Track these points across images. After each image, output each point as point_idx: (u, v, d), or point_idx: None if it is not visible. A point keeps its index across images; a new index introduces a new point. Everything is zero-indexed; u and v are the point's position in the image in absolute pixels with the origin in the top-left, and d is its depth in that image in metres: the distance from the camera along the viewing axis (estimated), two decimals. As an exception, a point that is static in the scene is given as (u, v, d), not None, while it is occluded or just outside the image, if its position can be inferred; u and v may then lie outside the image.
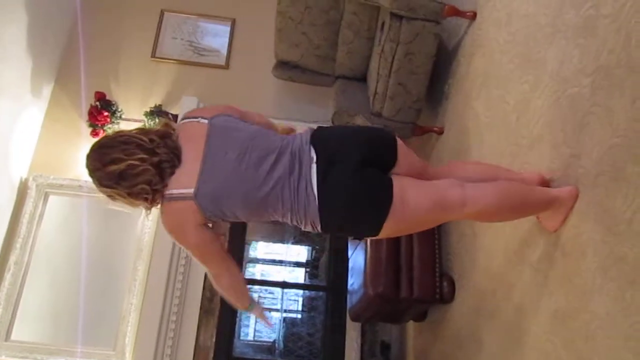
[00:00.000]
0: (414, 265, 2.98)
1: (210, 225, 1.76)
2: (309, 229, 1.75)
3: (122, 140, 1.67)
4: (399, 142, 1.83)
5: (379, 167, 1.75)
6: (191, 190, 1.64)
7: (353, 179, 1.68)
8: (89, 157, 1.70)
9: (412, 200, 1.70)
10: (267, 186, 1.68)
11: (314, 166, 1.69)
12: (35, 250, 3.59)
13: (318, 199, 1.67)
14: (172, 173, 1.66)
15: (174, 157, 1.67)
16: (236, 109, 1.89)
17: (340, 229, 1.81)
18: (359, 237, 1.79)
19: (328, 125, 1.88)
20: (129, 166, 1.62)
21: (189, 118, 1.81)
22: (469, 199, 1.75)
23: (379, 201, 1.68)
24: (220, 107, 1.87)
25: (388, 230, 1.72)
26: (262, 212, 1.74)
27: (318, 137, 1.77)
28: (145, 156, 1.63)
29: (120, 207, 1.78)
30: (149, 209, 1.73)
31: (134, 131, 1.72)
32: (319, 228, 1.72)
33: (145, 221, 3.73)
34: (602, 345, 1.60)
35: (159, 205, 1.72)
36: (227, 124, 1.78)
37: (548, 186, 1.94)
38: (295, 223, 1.75)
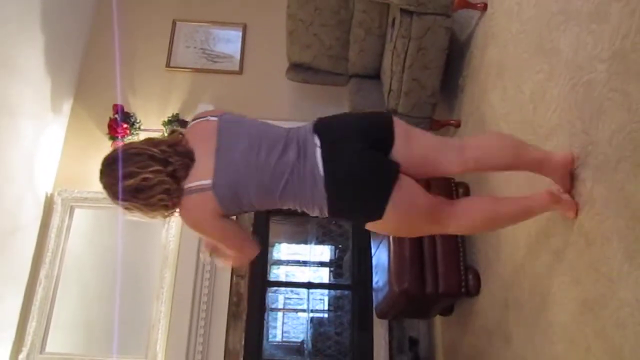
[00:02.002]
0: (438, 259, 2.99)
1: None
2: (316, 213, 1.81)
3: (133, 153, 1.70)
4: (397, 123, 1.86)
5: (381, 149, 1.81)
6: (209, 182, 1.69)
7: (357, 160, 1.74)
8: (102, 172, 1.75)
9: (415, 194, 1.80)
10: (278, 173, 1.74)
11: (319, 151, 1.75)
12: (64, 263, 3.66)
13: (325, 181, 1.72)
14: (186, 176, 1.70)
15: (187, 161, 1.72)
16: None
17: (346, 211, 1.86)
18: (363, 220, 1.84)
19: (329, 115, 1.92)
20: (145, 179, 1.65)
21: (198, 119, 1.88)
22: (455, 214, 1.87)
23: (383, 181, 1.74)
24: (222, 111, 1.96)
25: (390, 215, 1.74)
26: (275, 199, 1.79)
27: (321, 125, 1.83)
28: (159, 167, 1.66)
29: (137, 218, 1.79)
30: (167, 217, 1.77)
31: (143, 143, 1.76)
32: (325, 211, 1.78)
33: (170, 229, 3.78)
34: (633, 333, 1.59)
35: (177, 213, 1.77)
36: (235, 119, 1.87)
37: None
38: (304, 209, 1.81)
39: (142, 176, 1.65)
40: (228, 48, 4.43)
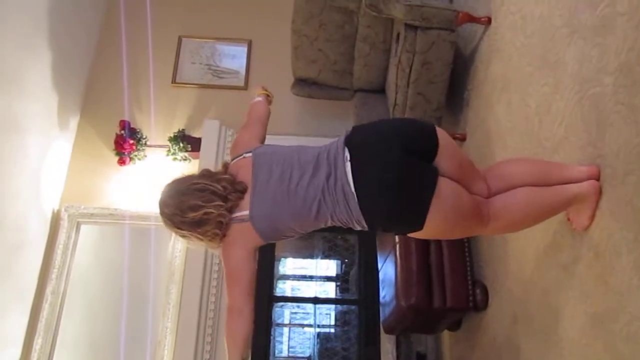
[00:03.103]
0: (445, 274, 2.97)
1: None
2: (358, 227, 1.79)
3: (197, 188, 1.78)
4: (439, 130, 1.82)
5: (421, 157, 1.75)
6: (246, 213, 1.76)
7: (391, 170, 1.68)
8: (165, 203, 1.82)
9: (457, 196, 1.73)
10: (309, 198, 1.75)
11: (348, 165, 1.72)
12: (70, 279, 3.67)
13: (357, 196, 1.69)
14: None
15: (241, 196, 1.80)
16: (252, 126, 2.06)
17: (386, 222, 1.80)
18: (406, 230, 1.80)
19: (364, 123, 1.90)
20: (206, 213, 1.74)
21: (236, 157, 1.93)
22: (493, 214, 1.82)
23: (422, 188, 1.68)
24: (245, 136, 2.03)
25: (433, 222, 1.69)
26: (312, 222, 1.80)
27: (353, 137, 1.81)
28: (220, 203, 1.75)
29: (190, 245, 1.90)
30: (214, 247, 1.84)
31: (204, 178, 1.82)
32: (365, 225, 1.76)
33: (176, 245, 3.78)
34: (643, 347, 1.57)
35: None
36: (267, 150, 1.91)
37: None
38: (344, 224, 1.80)
39: (205, 210, 1.73)
40: (233, 64, 4.47)
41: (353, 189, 1.69)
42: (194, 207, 1.75)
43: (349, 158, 1.73)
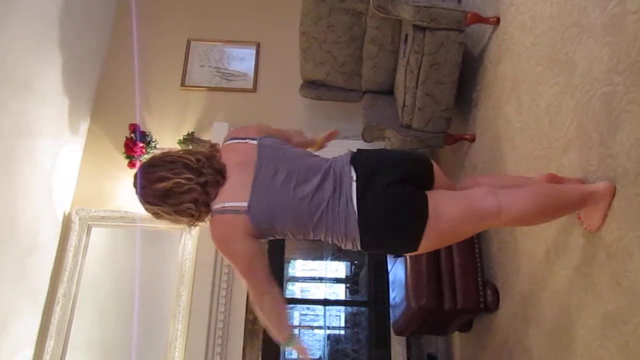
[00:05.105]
0: (455, 275, 2.96)
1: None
2: (349, 246, 1.79)
3: (169, 160, 1.73)
4: (434, 163, 1.89)
5: (418, 185, 1.79)
6: (245, 204, 1.69)
7: (391, 195, 1.72)
8: (136, 175, 1.77)
9: (446, 213, 1.73)
10: (314, 207, 1.73)
11: (354, 184, 1.74)
12: (82, 282, 3.69)
13: (358, 215, 1.71)
14: (217, 192, 1.71)
15: (219, 177, 1.73)
16: (272, 128, 1.96)
17: (380, 245, 1.83)
18: (398, 254, 1.82)
19: (368, 148, 1.92)
20: (176, 184, 1.68)
21: (235, 139, 1.87)
22: (504, 206, 1.76)
23: (416, 216, 1.71)
24: (256, 127, 1.92)
25: (426, 244, 1.74)
26: (308, 231, 1.78)
27: (358, 158, 1.82)
28: (191, 176, 1.69)
29: (164, 225, 1.83)
30: (192, 226, 1.78)
31: (180, 151, 1.79)
32: (358, 245, 1.76)
33: (186, 247, 3.79)
34: (657, 348, 1.56)
35: (201, 223, 1.77)
36: (274, 144, 1.85)
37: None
38: (336, 241, 1.80)
39: (174, 181, 1.68)
40: (242, 66, 4.48)
41: (356, 208, 1.71)
42: (162, 178, 1.68)
43: (354, 178, 1.75)
